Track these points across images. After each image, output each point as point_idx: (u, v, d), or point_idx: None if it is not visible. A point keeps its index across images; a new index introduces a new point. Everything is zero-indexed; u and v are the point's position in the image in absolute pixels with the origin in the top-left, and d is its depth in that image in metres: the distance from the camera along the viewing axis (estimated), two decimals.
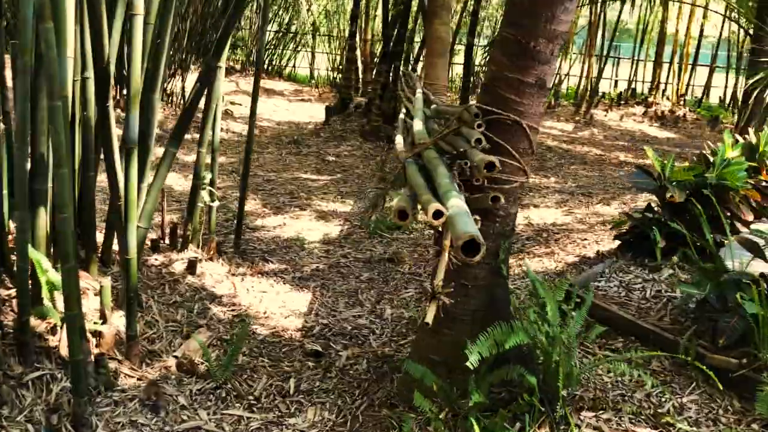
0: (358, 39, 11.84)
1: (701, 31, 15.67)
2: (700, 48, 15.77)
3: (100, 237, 4.01)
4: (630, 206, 6.99)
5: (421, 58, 12.36)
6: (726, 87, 16.08)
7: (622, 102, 15.64)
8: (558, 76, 15.82)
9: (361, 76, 12.14)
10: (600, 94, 15.64)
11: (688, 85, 15.59)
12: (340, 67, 15.98)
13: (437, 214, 1.83)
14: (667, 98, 15.53)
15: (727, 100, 15.89)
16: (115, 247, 3.96)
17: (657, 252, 4.53)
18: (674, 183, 4.55)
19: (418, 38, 12.42)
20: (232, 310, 4.15)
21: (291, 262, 5.23)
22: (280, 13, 16.61)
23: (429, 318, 1.78)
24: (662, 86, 15.84)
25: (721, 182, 4.46)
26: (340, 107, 11.02)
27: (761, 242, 3.51)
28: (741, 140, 5.48)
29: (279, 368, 3.55)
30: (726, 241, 4.57)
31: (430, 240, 5.80)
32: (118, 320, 3.48)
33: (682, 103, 15.32)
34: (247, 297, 4.38)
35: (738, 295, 3.19)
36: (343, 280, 4.94)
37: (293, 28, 16.91)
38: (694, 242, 4.24)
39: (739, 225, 4.64)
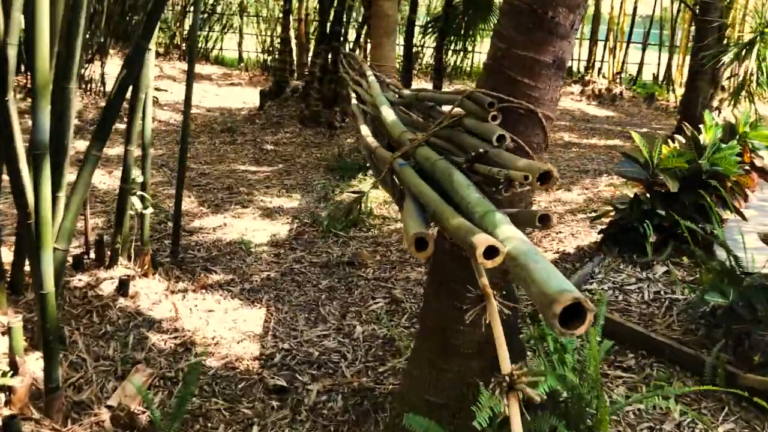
0: (291, 18, 11.08)
1: (635, 8, 15.53)
2: (633, 26, 15.63)
3: (8, 255, 3.28)
4: (593, 191, 6.59)
5: (362, 39, 11.72)
6: (659, 65, 16.03)
7: None
8: None
9: (296, 58, 11.39)
10: None
11: (623, 63, 15.44)
12: (271, 48, 15.16)
13: (490, 252, 1.27)
14: (603, 76, 15.36)
15: (661, 78, 15.84)
16: (29, 267, 3.24)
17: (648, 247, 4.10)
18: (665, 171, 4.11)
19: (358, 16, 11.73)
20: (175, 338, 3.49)
21: (237, 270, 4.57)
22: None
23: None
24: (598, 64, 15.66)
25: (715, 169, 4.04)
26: (275, 91, 10.28)
27: None
28: (719, 121, 5.11)
29: (238, 412, 2.92)
30: (716, 232, 4.18)
31: (390, 238, 5.24)
32: (34, 364, 2.79)
33: (618, 81, 15.17)
34: (192, 319, 3.72)
35: None
36: (300, 289, 4.33)
37: (219, 9, 15.94)
38: (692, 235, 3.82)
39: (727, 213, 4.26)
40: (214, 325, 3.71)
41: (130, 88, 3.42)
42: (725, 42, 9.33)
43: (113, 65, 9.95)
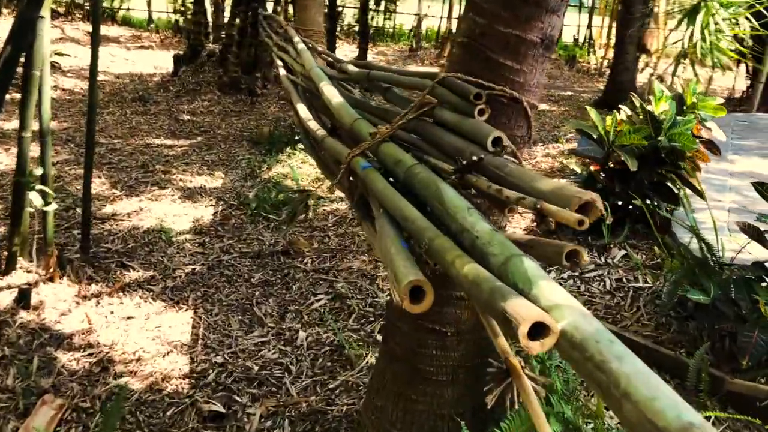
0: None
1: None
2: None
3: None
4: (531, 163, 6.33)
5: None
6: (579, 26, 15.98)
7: None
8: (417, 17, 15.01)
9: (211, 19, 10.62)
10: None
11: None
12: (183, 8, 14.22)
13: (535, 329, 0.90)
14: None
15: (581, 39, 15.81)
16: None
17: (604, 229, 3.85)
18: (622, 148, 3.83)
19: None
20: (90, 356, 3.00)
21: (158, 265, 4.07)
22: None
23: None
24: None
25: (673, 145, 3.80)
26: (190, 56, 9.55)
27: (763, 228, 2.85)
28: (664, 90, 4.88)
29: None
30: (669, 209, 3.98)
31: (327, 221, 4.82)
32: None
33: None
34: (108, 330, 3.23)
35: (763, 302, 2.51)
36: (230, 285, 3.88)
37: None
38: (651, 216, 3.59)
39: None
40: (135, 335, 3.23)
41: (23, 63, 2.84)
42: (650, 8, 9.23)
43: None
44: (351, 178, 2.01)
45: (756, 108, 8.47)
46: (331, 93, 2.73)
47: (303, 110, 3.10)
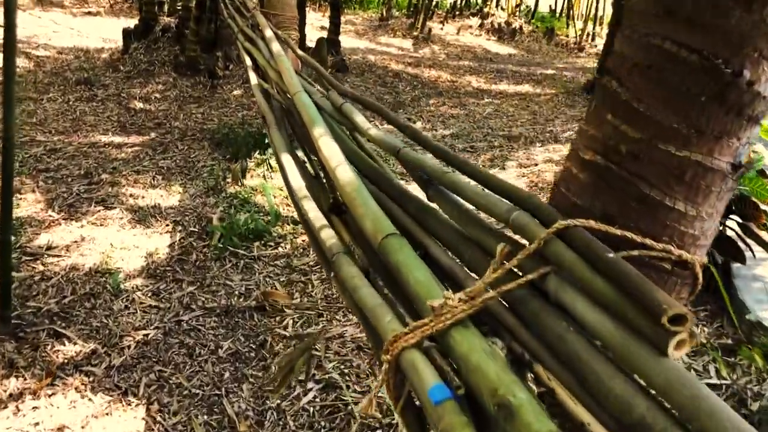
0: None
1: None
2: None
3: None
4: (533, 170, 5.56)
5: None
6: None
7: (457, 13, 14.18)
8: None
9: None
10: (434, 3, 14.07)
11: None
12: None
13: None
14: (502, 8, 14.32)
15: (559, 10, 15.00)
16: None
17: None
18: None
19: None
20: None
21: (102, 330, 3.22)
22: None
23: None
24: None
25: (743, 192, 3.07)
26: (142, 30, 8.48)
27: None
28: None
29: None
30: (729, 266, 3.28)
31: (307, 256, 4.00)
32: None
33: (517, 14, 14.17)
34: None
35: None
36: (191, 362, 3.05)
37: None
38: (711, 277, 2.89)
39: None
40: None
41: None
42: None
43: None
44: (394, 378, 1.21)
45: None
46: (335, 158, 1.91)
47: (291, 168, 2.25)
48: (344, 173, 1.81)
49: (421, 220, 1.61)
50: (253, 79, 3.74)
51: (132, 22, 9.91)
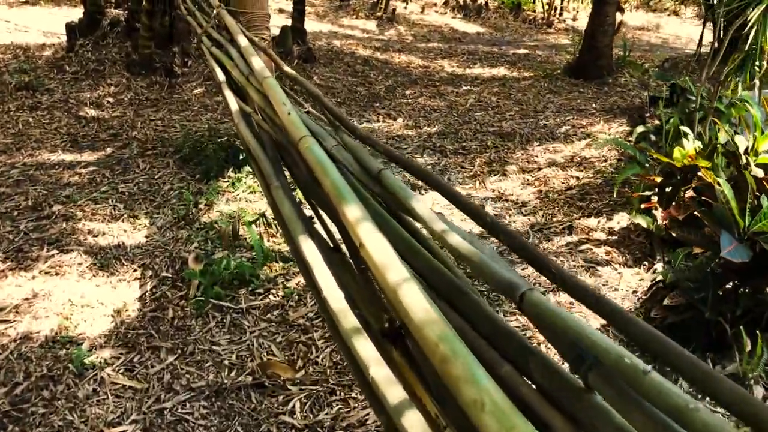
0: None
1: None
2: None
3: None
4: (540, 178, 5.00)
5: None
6: None
7: None
8: None
9: None
10: None
11: None
12: None
13: None
14: None
15: None
16: None
17: (738, 353, 2.62)
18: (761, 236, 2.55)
19: None
20: None
21: None
22: None
23: None
24: None
25: None
26: (87, 25, 7.61)
27: None
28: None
29: None
30: None
31: (306, 306, 3.39)
32: None
33: None
34: None
35: None
36: None
37: None
38: None
39: None
40: None
41: None
42: None
43: None
44: None
45: None
46: (393, 269, 1.35)
47: (321, 271, 1.63)
48: (416, 303, 1.24)
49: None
50: (232, 102, 3.11)
51: (75, 13, 9.00)
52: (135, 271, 3.69)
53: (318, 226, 2.13)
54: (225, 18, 3.94)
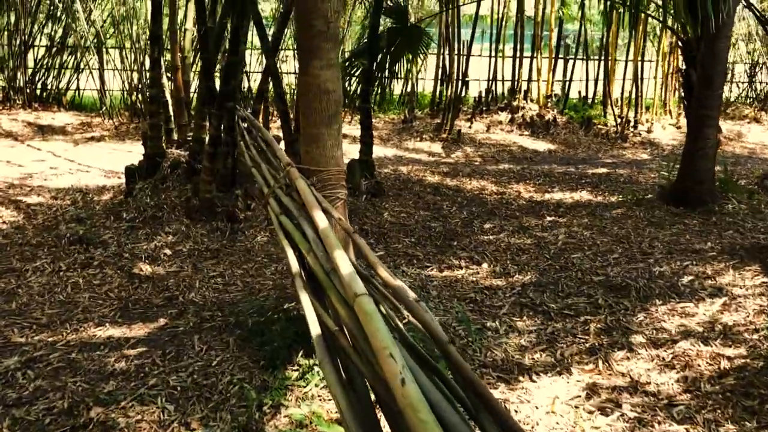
0: (164, 67, 7.87)
1: (560, 20, 13.33)
2: (561, 37, 13.43)
3: None
4: (674, 350, 4.00)
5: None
6: (587, 80, 13.91)
7: (484, 108, 12.93)
8: (409, 81, 12.80)
9: (173, 115, 8.15)
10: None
11: (552, 82, 13.19)
12: (140, 86, 11.82)
13: None
14: (532, 100, 13.06)
15: (590, 95, 13.75)
16: None
17: None
18: None
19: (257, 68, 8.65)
20: None
21: None
22: (49, 23, 12.04)
23: None
24: (524, 85, 13.33)
25: None
26: (147, 168, 7.13)
27: None
28: None
29: None
30: None
31: None
32: None
33: (549, 105, 12.91)
34: None
35: None
36: None
37: (70, 41, 12.34)
38: None
39: None
40: None
41: None
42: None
43: None
44: None
45: None
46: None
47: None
48: None
49: None
50: (310, 314, 2.33)
51: (137, 149, 8.63)
52: None
53: None
54: (296, 181, 3.21)
